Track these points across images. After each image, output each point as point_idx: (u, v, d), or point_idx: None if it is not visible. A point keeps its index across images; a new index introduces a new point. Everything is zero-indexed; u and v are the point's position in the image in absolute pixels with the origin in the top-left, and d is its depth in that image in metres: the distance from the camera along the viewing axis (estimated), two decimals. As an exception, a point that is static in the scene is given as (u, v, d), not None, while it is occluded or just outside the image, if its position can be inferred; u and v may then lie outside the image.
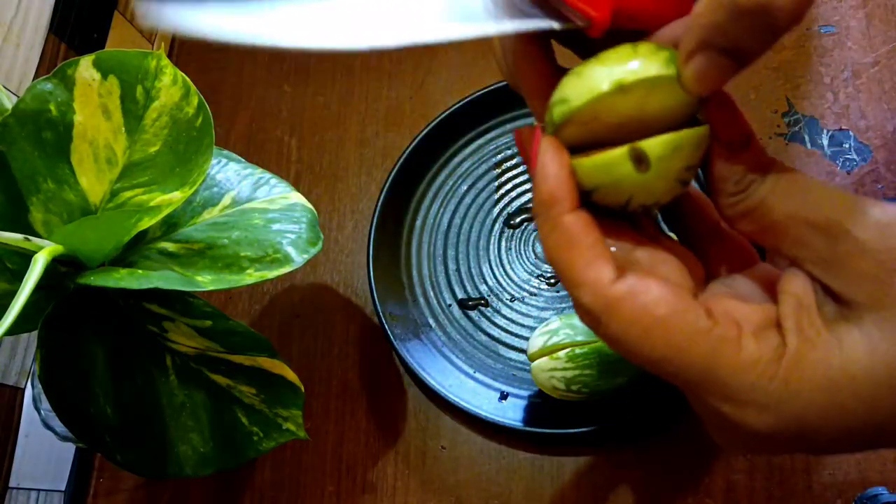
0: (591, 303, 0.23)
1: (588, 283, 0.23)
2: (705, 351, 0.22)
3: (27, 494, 0.52)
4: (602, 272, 0.23)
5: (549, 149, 0.24)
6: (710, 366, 0.22)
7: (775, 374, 0.21)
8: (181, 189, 0.39)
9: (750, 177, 0.23)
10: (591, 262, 0.23)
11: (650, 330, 0.22)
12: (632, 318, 0.22)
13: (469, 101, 0.58)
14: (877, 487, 0.42)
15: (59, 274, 0.39)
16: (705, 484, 0.46)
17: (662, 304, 0.22)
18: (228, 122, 0.67)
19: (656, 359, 0.23)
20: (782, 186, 0.23)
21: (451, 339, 0.53)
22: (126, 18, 0.67)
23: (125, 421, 0.39)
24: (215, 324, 0.41)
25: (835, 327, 0.22)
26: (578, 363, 0.45)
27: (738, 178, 0.23)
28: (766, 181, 0.23)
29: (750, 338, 0.22)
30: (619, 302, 0.23)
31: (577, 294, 0.23)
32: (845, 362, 0.21)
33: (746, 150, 0.23)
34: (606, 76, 0.22)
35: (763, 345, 0.22)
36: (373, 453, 0.52)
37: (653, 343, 0.22)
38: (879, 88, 0.53)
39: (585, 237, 0.23)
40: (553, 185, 0.24)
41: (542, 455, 0.49)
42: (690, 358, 0.22)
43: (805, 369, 0.21)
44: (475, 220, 0.57)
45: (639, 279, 0.23)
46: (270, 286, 0.59)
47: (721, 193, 0.24)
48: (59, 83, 0.39)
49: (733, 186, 0.23)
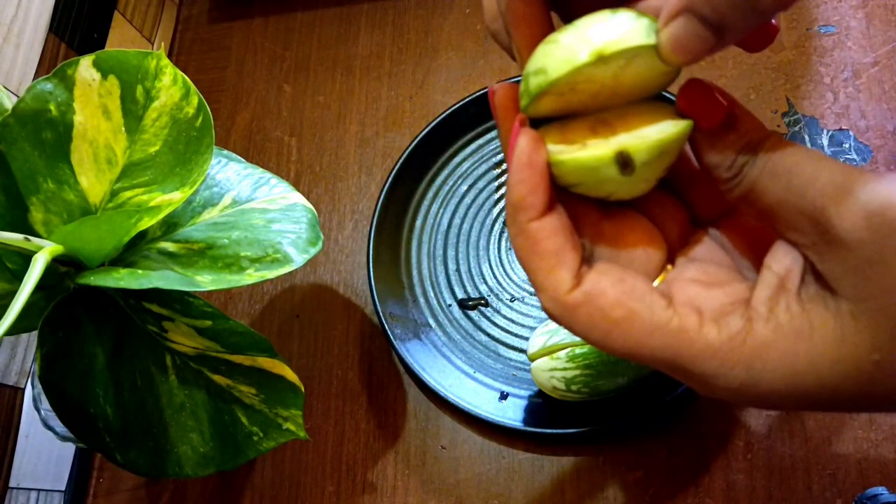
0: (552, 308, 0.24)
1: (548, 290, 0.24)
2: (665, 343, 0.22)
3: (27, 494, 0.52)
4: (561, 280, 0.23)
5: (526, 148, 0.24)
6: (672, 356, 0.23)
7: (737, 361, 0.22)
8: (181, 189, 0.39)
9: (741, 159, 0.23)
10: (553, 269, 0.24)
11: (609, 332, 0.23)
12: (590, 322, 0.23)
13: (469, 101, 0.58)
14: (877, 487, 0.42)
15: (59, 274, 0.39)
16: (705, 484, 0.46)
17: (618, 307, 0.23)
18: (228, 122, 0.67)
19: (622, 354, 0.23)
20: (771, 167, 0.22)
21: (451, 339, 0.53)
22: (126, 18, 0.67)
23: (125, 421, 0.39)
24: (215, 324, 0.41)
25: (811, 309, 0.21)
26: (578, 363, 0.45)
27: (729, 163, 0.23)
28: (756, 162, 0.22)
29: (711, 325, 0.22)
30: (577, 308, 0.23)
31: (540, 297, 0.24)
32: (813, 352, 0.21)
33: (733, 130, 0.23)
34: (585, 46, 0.22)
35: (724, 331, 0.22)
36: (373, 453, 0.52)
37: (614, 341, 0.23)
38: (879, 88, 0.53)
39: (549, 244, 0.24)
40: (524, 192, 0.24)
41: (542, 455, 0.49)
42: (652, 350, 0.23)
43: (769, 358, 0.21)
44: (475, 220, 0.57)
45: (595, 281, 0.23)
46: (270, 286, 0.59)
47: (718, 181, 0.24)
48: (59, 83, 0.39)
49: (726, 172, 0.23)
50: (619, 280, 0.24)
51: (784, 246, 0.23)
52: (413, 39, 0.66)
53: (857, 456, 0.45)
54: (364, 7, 0.68)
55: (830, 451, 0.45)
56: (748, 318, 0.22)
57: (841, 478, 0.44)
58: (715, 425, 0.47)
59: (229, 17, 0.72)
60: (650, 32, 0.21)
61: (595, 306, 0.23)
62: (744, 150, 0.22)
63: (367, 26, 0.68)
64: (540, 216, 0.24)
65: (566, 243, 0.24)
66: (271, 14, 0.71)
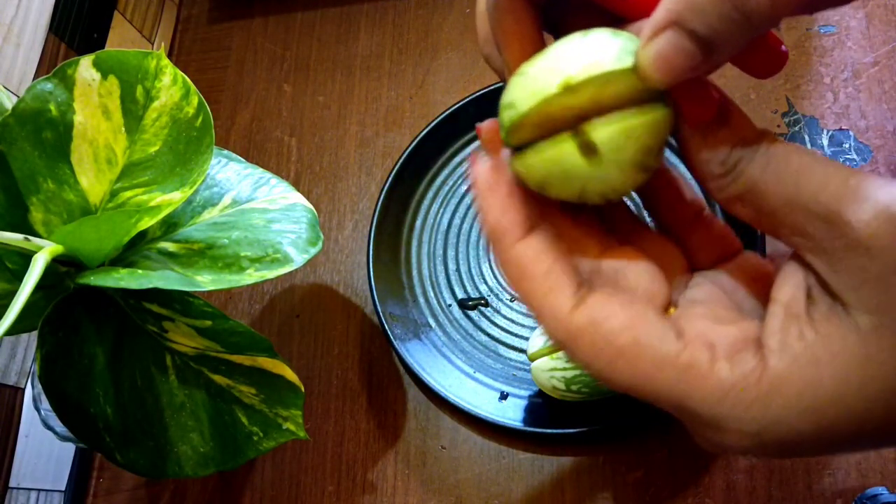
0: (554, 332, 0.22)
1: (547, 314, 0.22)
2: (673, 378, 0.20)
3: (27, 494, 0.52)
4: (559, 302, 0.22)
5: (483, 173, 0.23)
6: (680, 394, 0.20)
7: (753, 401, 0.20)
8: (181, 189, 0.39)
9: (736, 154, 0.21)
10: (549, 292, 0.22)
11: (614, 361, 0.21)
12: (594, 350, 0.21)
13: (469, 100, 0.58)
14: (877, 487, 0.42)
15: (59, 274, 0.39)
16: (705, 484, 0.46)
17: (625, 333, 0.21)
18: (228, 122, 0.67)
19: (626, 387, 0.21)
20: (774, 167, 0.20)
21: (451, 339, 0.53)
22: (126, 18, 0.67)
23: (125, 421, 0.39)
24: (215, 324, 0.41)
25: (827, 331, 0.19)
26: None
27: (722, 158, 0.21)
28: (755, 160, 0.20)
29: (723, 362, 0.20)
30: (581, 333, 0.21)
31: (541, 322, 0.22)
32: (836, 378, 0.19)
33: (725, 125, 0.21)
34: (553, 76, 0.20)
35: (737, 369, 0.20)
36: (373, 453, 0.52)
37: (620, 372, 0.21)
38: (879, 88, 0.53)
39: (538, 266, 0.22)
40: (495, 217, 0.22)
41: (542, 455, 0.49)
42: (659, 386, 0.21)
43: (788, 394, 0.19)
44: (475, 220, 0.57)
45: (601, 304, 0.21)
46: (270, 286, 0.59)
47: (706, 177, 0.21)
48: (59, 83, 0.39)
49: (719, 167, 0.21)
50: (628, 303, 0.22)
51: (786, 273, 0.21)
52: (413, 39, 0.66)
53: (857, 456, 0.45)
54: (364, 7, 0.68)
55: (830, 451, 0.45)
56: (761, 355, 0.20)
57: (841, 478, 0.44)
58: (715, 425, 0.47)
59: (229, 17, 0.72)
60: (624, 54, 0.20)
61: (600, 332, 0.21)
62: (738, 146, 0.21)
63: (367, 26, 0.68)
64: (522, 237, 0.22)
65: (556, 262, 0.22)
66: (271, 14, 0.71)
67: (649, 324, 0.21)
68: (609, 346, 0.21)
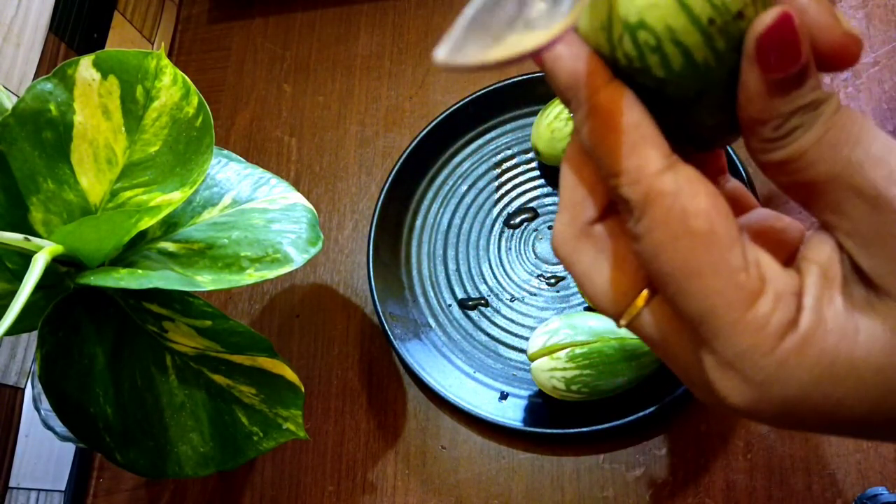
0: (629, 190, 0.19)
1: (631, 169, 0.19)
2: (720, 287, 0.19)
3: (27, 494, 0.52)
4: (648, 159, 0.19)
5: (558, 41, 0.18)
6: (713, 307, 0.19)
7: (773, 349, 0.19)
8: (181, 189, 0.39)
9: (794, 121, 0.19)
10: (636, 146, 0.19)
11: (678, 239, 0.19)
12: (665, 218, 0.19)
13: (469, 101, 0.58)
14: (877, 487, 0.42)
15: (59, 274, 0.39)
16: (705, 484, 0.46)
17: (704, 217, 0.19)
18: (228, 122, 0.67)
19: (668, 270, 0.19)
20: (831, 138, 0.18)
21: (451, 339, 0.53)
22: (126, 18, 0.67)
23: (125, 421, 0.39)
24: (215, 324, 0.41)
25: (858, 310, 0.19)
26: (578, 363, 0.45)
27: (778, 123, 0.19)
28: (813, 129, 0.18)
29: (769, 298, 0.19)
30: (660, 197, 0.19)
31: (615, 184, 0.20)
32: (855, 355, 0.18)
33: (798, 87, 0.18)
34: None
35: (778, 312, 0.19)
36: (373, 453, 0.52)
37: (674, 252, 0.19)
38: (879, 88, 0.53)
39: (629, 115, 0.19)
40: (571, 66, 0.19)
41: (542, 455, 0.49)
42: (701, 286, 0.19)
43: (808, 354, 0.19)
44: (475, 220, 0.57)
45: (692, 179, 0.19)
46: (270, 286, 0.59)
47: (754, 136, 0.20)
48: (59, 83, 0.39)
49: (771, 132, 0.19)
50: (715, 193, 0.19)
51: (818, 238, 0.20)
52: (413, 39, 0.66)
53: (857, 456, 0.45)
54: (364, 7, 0.68)
55: (830, 451, 0.45)
56: (798, 307, 0.19)
57: (841, 478, 0.44)
58: (715, 425, 0.47)
59: (229, 17, 0.72)
60: None
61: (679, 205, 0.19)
62: (801, 112, 0.19)
63: (367, 26, 0.68)
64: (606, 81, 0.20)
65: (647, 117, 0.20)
66: (271, 14, 0.71)
67: (729, 225, 0.19)
68: (681, 222, 0.19)
